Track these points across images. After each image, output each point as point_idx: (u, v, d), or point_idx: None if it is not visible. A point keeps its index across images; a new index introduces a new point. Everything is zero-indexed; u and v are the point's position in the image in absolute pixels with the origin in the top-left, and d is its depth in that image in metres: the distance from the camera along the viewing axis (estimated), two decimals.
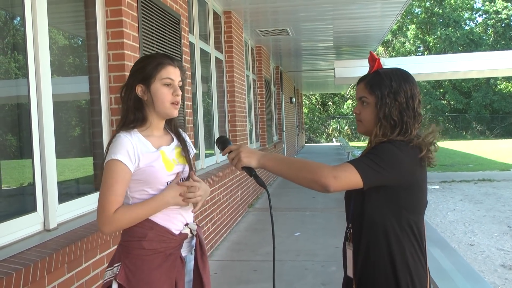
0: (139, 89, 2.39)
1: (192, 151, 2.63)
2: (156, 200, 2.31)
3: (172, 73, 2.42)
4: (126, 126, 2.38)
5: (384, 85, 2.25)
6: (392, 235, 2.19)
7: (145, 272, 2.30)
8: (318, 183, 2.12)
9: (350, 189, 2.20)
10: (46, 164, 3.31)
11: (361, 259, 2.26)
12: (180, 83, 2.46)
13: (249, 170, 2.35)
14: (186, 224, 2.46)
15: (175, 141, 2.53)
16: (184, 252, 2.45)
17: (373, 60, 2.36)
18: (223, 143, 2.46)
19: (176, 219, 2.41)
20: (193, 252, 2.51)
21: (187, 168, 2.52)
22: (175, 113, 2.45)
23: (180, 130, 2.61)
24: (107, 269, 2.38)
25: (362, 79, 2.37)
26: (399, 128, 2.22)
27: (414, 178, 2.21)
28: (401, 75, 2.28)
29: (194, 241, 2.51)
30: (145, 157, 2.32)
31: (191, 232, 2.47)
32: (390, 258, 2.19)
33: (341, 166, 2.16)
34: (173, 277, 2.34)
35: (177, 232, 2.40)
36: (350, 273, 2.35)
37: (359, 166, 2.13)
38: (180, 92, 2.44)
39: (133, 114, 2.39)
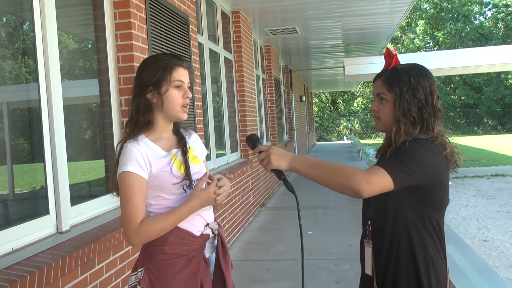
0: (149, 92, 2.34)
1: (203, 151, 2.60)
2: (182, 209, 2.25)
3: (182, 74, 2.37)
4: (133, 132, 2.34)
5: (402, 82, 2.22)
6: (414, 233, 2.18)
7: (168, 277, 2.27)
8: (351, 189, 2.08)
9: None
10: (58, 167, 3.33)
11: (383, 256, 2.25)
12: (189, 84, 2.42)
13: (279, 173, 2.29)
14: (207, 225, 2.41)
15: (188, 142, 2.48)
16: (207, 253, 2.41)
17: (390, 56, 2.32)
18: (253, 142, 2.38)
19: (196, 221, 2.36)
20: (213, 252, 2.46)
21: (202, 169, 2.48)
22: (184, 116, 2.40)
23: (182, 130, 2.53)
24: (132, 274, 2.37)
25: (379, 76, 2.34)
26: (420, 125, 2.19)
27: (439, 177, 2.19)
28: (419, 71, 2.26)
29: (216, 240, 2.47)
30: (156, 162, 2.29)
31: (213, 232, 2.43)
32: (412, 255, 2.18)
33: (372, 171, 2.12)
34: (198, 280, 2.31)
35: (198, 234, 2.36)
36: (368, 271, 2.33)
37: (390, 168, 2.10)
38: (190, 94, 2.40)
39: (143, 118, 2.34)
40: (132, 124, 2.37)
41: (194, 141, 2.56)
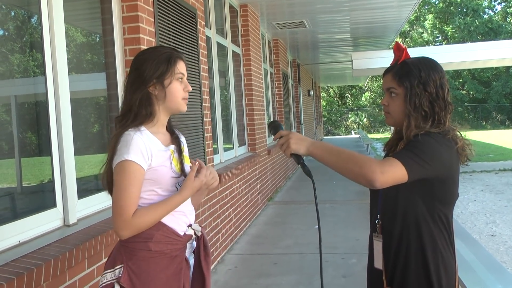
0: (151, 86, 2.30)
1: (187, 153, 2.57)
2: (176, 199, 2.23)
3: (183, 67, 2.36)
4: (134, 123, 2.28)
5: (413, 76, 2.20)
6: (424, 227, 2.18)
7: (150, 275, 2.21)
8: (365, 178, 2.07)
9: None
10: (65, 161, 3.33)
11: (393, 250, 2.24)
12: (185, 77, 2.40)
13: (297, 158, 2.30)
14: (189, 225, 2.39)
15: (181, 139, 2.47)
16: (187, 253, 2.38)
17: (400, 50, 2.30)
18: (275, 128, 2.40)
19: (181, 220, 2.34)
20: (191, 254, 2.44)
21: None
22: (185, 108, 2.39)
23: (176, 130, 2.50)
24: (107, 271, 2.27)
25: (389, 70, 2.32)
26: (431, 119, 2.18)
27: (451, 171, 2.18)
28: (429, 64, 2.24)
29: (194, 243, 2.44)
30: (157, 156, 2.25)
31: (195, 233, 2.40)
32: (421, 249, 2.18)
33: (387, 161, 2.11)
34: (180, 280, 2.28)
35: (181, 233, 2.33)
36: (378, 265, 2.32)
37: (404, 160, 2.09)
38: (190, 88, 2.38)
39: (145, 110, 2.29)
40: (132, 116, 2.30)
41: (184, 142, 2.55)
